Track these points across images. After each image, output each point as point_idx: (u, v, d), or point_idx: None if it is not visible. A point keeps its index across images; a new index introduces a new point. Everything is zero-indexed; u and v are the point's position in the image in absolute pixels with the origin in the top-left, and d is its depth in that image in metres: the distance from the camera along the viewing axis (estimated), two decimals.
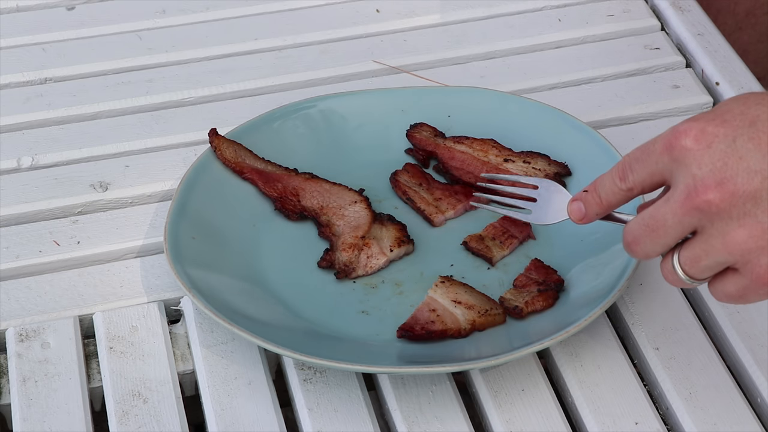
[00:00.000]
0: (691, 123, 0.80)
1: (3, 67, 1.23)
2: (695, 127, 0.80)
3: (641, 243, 0.83)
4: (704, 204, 0.79)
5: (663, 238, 0.82)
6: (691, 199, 0.79)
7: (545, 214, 0.96)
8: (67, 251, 1.05)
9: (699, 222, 0.80)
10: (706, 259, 0.81)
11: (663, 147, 0.81)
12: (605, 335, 0.99)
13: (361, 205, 1.06)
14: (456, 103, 1.15)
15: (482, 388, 0.95)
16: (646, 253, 0.84)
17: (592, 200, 0.88)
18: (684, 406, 0.93)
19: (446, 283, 0.99)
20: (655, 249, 0.83)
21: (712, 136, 0.79)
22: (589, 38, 1.28)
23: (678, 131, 0.80)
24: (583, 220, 0.89)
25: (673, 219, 0.81)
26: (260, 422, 0.93)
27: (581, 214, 0.89)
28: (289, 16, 1.30)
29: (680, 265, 0.82)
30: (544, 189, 0.97)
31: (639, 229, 0.83)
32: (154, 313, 1.00)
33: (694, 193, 0.79)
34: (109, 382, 0.95)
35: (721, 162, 0.78)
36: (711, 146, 0.79)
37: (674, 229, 0.81)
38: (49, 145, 1.15)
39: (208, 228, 1.04)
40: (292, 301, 1.00)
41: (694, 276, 0.82)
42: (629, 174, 0.84)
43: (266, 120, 1.12)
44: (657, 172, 0.82)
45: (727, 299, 0.82)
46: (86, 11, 1.31)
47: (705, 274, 0.82)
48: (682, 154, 0.80)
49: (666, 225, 0.81)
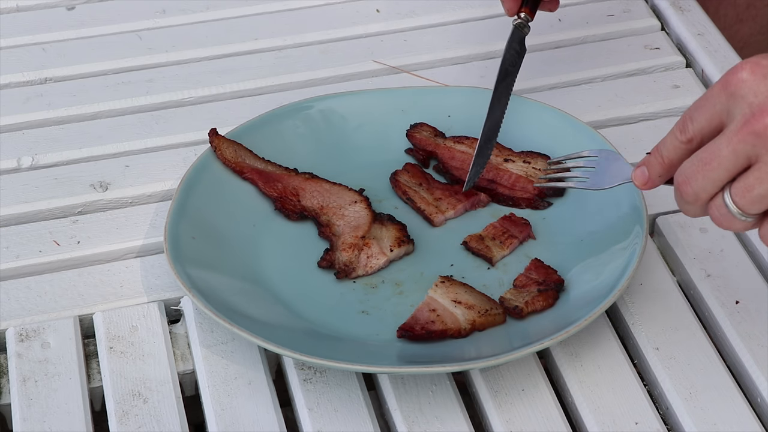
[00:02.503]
0: (745, 61, 0.82)
1: (3, 67, 1.23)
2: (750, 61, 0.81)
3: (692, 180, 0.83)
4: (762, 128, 0.79)
5: (716, 170, 0.82)
6: (749, 124, 0.80)
7: (602, 180, 0.96)
8: (67, 251, 1.05)
9: (753, 150, 0.80)
10: (760, 187, 0.80)
11: (720, 86, 0.82)
12: (605, 335, 0.99)
13: (361, 205, 1.06)
14: (456, 103, 1.15)
15: (482, 388, 0.95)
16: (697, 193, 0.83)
17: (654, 161, 0.88)
18: (684, 406, 0.94)
19: (446, 283, 0.99)
20: (707, 186, 0.82)
21: (767, 68, 0.80)
22: (589, 38, 1.28)
23: (734, 68, 0.81)
24: (647, 184, 0.89)
25: (728, 148, 0.81)
26: (260, 422, 0.93)
27: (645, 178, 0.89)
28: (289, 16, 1.30)
29: (731, 197, 0.82)
30: (603, 158, 0.96)
31: (692, 166, 0.83)
32: (154, 313, 1.00)
33: (751, 118, 0.80)
34: (109, 382, 0.96)
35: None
36: (767, 77, 0.80)
37: (728, 159, 0.81)
38: (49, 145, 1.15)
39: (208, 228, 1.04)
40: (292, 301, 1.00)
41: (745, 208, 0.82)
42: (689, 123, 0.84)
43: (266, 120, 1.12)
44: (716, 115, 0.82)
45: None
46: (86, 11, 1.31)
47: (757, 205, 0.81)
48: (738, 87, 0.81)
49: (720, 156, 0.81)
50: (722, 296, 1.01)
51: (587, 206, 1.05)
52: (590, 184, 0.96)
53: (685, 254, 1.04)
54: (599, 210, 1.04)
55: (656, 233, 1.07)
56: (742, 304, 1.00)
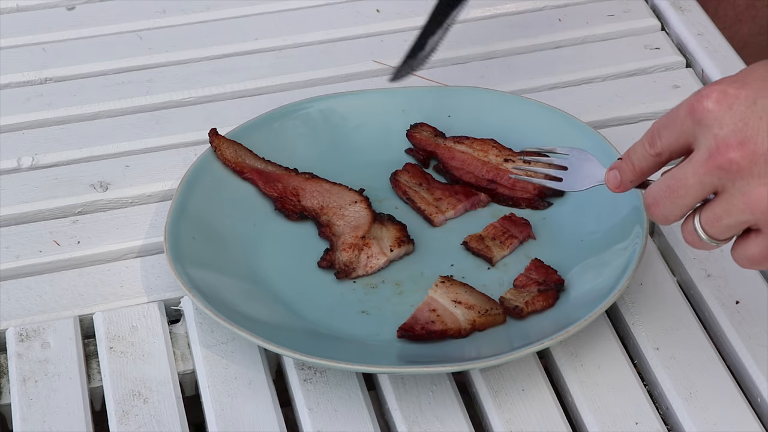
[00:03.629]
0: (713, 86, 0.81)
1: (3, 67, 1.23)
2: (716, 89, 0.81)
3: (661, 204, 0.84)
4: (726, 163, 0.79)
5: (683, 198, 0.82)
6: (713, 158, 0.80)
7: (575, 181, 0.96)
8: (67, 251, 1.05)
9: (720, 181, 0.80)
10: (728, 218, 0.81)
11: (686, 111, 0.82)
12: (605, 335, 0.99)
13: (361, 205, 1.06)
14: (456, 103, 1.15)
15: (482, 388, 0.95)
16: (665, 216, 0.84)
17: (625, 167, 0.88)
18: (684, 406, 0.93)
19: (446, 283, 0.99)
20: (674, 211, 0.83)
21: (733, 98, 0.80)
22: (589, 38, 1.28)
23: (700, 94, 0.81)
24: (620, 188, 0.90)
25: (694, 178, 0.81)
26: (260, 422, 0.93)
27: (617, 181, 0.89)
28: (289, 16, 1.30)
29: (701, 225, 0.83)
30: (575, 157, 0.96)
31: (659, 191, 0.84)
32: (154, 313, 1.00)
33: (715, 152, 0.80)
34: (109, 382, 0.96)
35: (742, 122, 0.79)
36: (732, 107, 0.80)
37: (695, 188, 0.81)
38: (49, 145, 1.15)
39: (208, 228, 1.04)
40: (292, 301, 1.00)
41: (714, 236, 0.83)
42: (657, 139, 0.85)
43: (266, 120, 1.12)
44: (682, 135, 0.83)
45: (750, 264, 0.83)
46: (86, 11, 1.31)
47: (726, 234, 0.82)
48: (704, 116, 0.81)
49: (687, 185, 0.81)
50: (722, 296, 1.01)
51: (587, 206, 1.05)
52: (564, 186, 0.97)
53: (685, 254, 1.04)
54: (599, 210, 1.04)
55: (656, 233, 1.07)
56: (742, 304, 1.00)
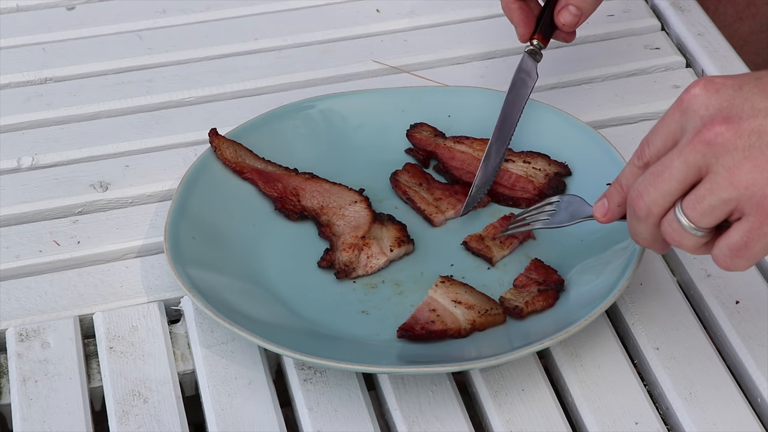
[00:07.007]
0: (699, 78, 0.84)
1: (3, 67, 1.23)
2: (704, 78, 0.83)
3: (645, 193, 0.84)
4: (712, 136, 0.80)
5: (668, 182, 0.82)
6: (700, 134, 0.81)
7: (564, 218, 0.97)
8: (67, 251, 1.05)
9: (704, 159, 0.81)
10: (710, 197, 0.81)
11: (674, 106, 0.83)
12: (605, 335, 0.99)
13: (361, 205, 1.06)
14: (456, 103, 1.15)
15: (482, 388, 0.95)
16: (649, 207, 0.84)
17: (614, 190, 0.89)
18: (684, 406, 0.94)
19: (446, 283, 0.99)
20: (658, 199, 0.83)
21: (720, 84, 0.82)
22: (589, 38, 1.28)
23: (688, 87, 0.83)
24: (607, 216, 0.90)
25: (678, 159, 0.81)
26: (260, 422, 0.93)
27: (604, 209, 0.90)
28: (289, 16, 1.30)
29: (683, 210, 0.82)
30: (565, 201, 0.98)
31: (644, 180, 0.84)
32: (154, 313, 1.00)
33: (702, 128, 0.81)
34: (109, 382, 0.96)
35: (728, 102, 0.81)
36: (719, 91, 0.82)
37: (679, 169, 0.82)
38: (49, 145, 1.15)
39: (208, 228, 1.04)
40: (292, 301, 1.00)
41: (696, 221, 0.82)
42: (646, 149, 0.85)
43: (266, 120, 1.12)
44: (670, 134, 0.83)
45: (731, 256, 0.82)
46: (86, 11, 1.31)
47: (708, 218, 0.82)
48: (691, 102, 0.82)
49: (671, 167, 0.82)
50: (722, 296, 1.01)
51: None
52: (552, 223, 0.97)
53: (685, 254, 1.04)
54: None
55: None
56: (742, 304, 1.00)
